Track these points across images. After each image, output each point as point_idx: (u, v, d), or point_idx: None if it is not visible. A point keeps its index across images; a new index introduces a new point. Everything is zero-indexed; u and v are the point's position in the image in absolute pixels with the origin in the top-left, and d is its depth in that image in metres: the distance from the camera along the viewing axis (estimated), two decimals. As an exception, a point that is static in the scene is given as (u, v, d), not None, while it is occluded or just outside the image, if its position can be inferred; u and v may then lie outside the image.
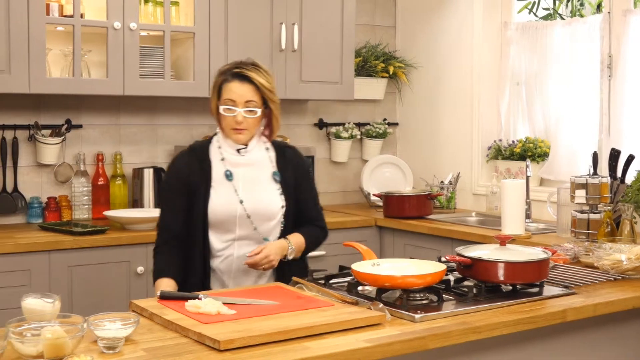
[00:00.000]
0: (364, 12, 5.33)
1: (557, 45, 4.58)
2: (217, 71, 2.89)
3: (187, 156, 2.89)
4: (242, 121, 2.79)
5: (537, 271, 2.55)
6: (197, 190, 2.82)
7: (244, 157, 2.87)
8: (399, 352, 2.08)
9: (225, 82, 2.80)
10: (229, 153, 2.86)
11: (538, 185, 4.68)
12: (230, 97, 2.78)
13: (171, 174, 2.92)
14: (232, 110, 2.78)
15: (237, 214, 2.82)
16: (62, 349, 1.86)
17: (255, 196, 2.85)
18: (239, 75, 2.79)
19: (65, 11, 4.01)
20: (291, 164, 2.97)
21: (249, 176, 2.87)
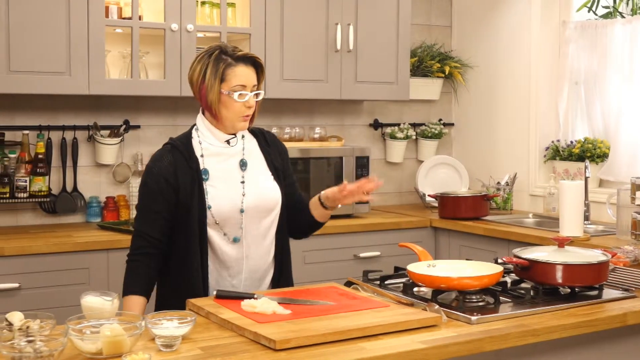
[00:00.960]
0: (420, 12, 5.30)
1: (617, 44, 4.50)
2: (203, 58, 2.62)
3: (170, 155, 2.64)
4: (253, 106, 2.64)
5: (596, 274, 2.51)
6: (187, 190, 2.59)
7: (233, 148, 2.69)
8: (455, 354, 2.06)
9: (230, 67, 2.58)
10: (215, 146, 2.67)
11: (597, 187, 4.60)
12: (240, 82, 2.59)
13: (152, 175, 2.62)
14: (244, 95, 2.60)
15: (239, 209, 2.63)
16: (121, 346, 1.88)
17: (256, 189, 2.67)
18: (243, 58, 2.62)
19: (124, 13, 4.07)
20: (275, 147, 2.81)
21: (225, 166, 2.67)
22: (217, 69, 2.58)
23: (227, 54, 2.60)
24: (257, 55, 2.66)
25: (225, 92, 2.58)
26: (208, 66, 2.59)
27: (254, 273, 2.69)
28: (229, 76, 2.58)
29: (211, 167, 2.64)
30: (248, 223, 2.65)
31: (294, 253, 4.09)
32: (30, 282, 3.54)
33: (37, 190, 3.99)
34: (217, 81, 2.58)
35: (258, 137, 2.80)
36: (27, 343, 1.82)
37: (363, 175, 4.51)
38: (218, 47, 2.63)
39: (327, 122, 4.92)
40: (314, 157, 4.40)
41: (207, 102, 2.61)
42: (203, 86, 2.61)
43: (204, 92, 2.62)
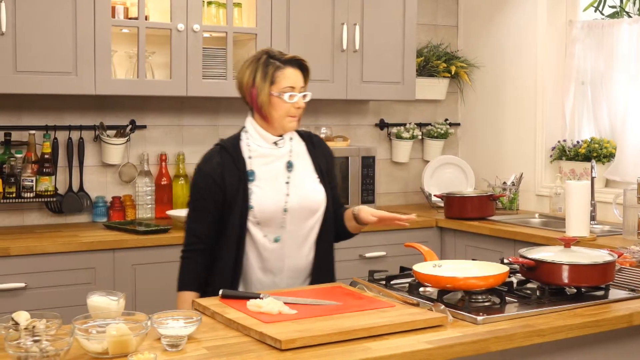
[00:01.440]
0: (426, 12, 5.30)
1: (624, 44, 4.49)
2: (252, 63, 2.73)
3: (219, 156, 2.74)
4: (302, 106, 2.74)
5: (602, 274, 2.50)
6: (234, 190, 2.69)
7: (280, 150, 2.76)
8: (461, 354, 2.06)
9: (279, 70, 2.70)
10: (263, 148, 2.75)
11: (603, 187, 4.59)
12: (289, 83, 2.71)
13: (202, 175, 2.73)
14: (294, 96, 2.71)
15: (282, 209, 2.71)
16: (127, 346, 1.88)
17: (300, 190, 2.74)
18: (291, 61, 2.74)
19: (130, 13, 4.08)
20: (320, 150, 2.89)
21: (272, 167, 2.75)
22: (266, 72, 2.70)
23: (274, 58, 2.72)
24: (303, 58, 2.77)
25: (276, 93, 2.70)
26: (258, 70, 2.71)
27: (295, 272, 2.76)
28: (278, 78, 2.70)
29: (257, 169, 2.73)
30: (290, 223, 2.73)
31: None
32: (37, 281, 3.54)
33: (43, 190, 3.99)
34: (267, 84, 2.70)
35: (305, 139, 2.88)
36: (33, 343, 1.83)
37: (369, 175, 4.51)
38: (265, 52, 2.75)
39: (333, 122, 4.92)
40: (319, 157, 4.39)
41: (258, 104, 2.72)
42: (253, 89, 2.72)
43: (254, 95, 2.73)
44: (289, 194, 2.72)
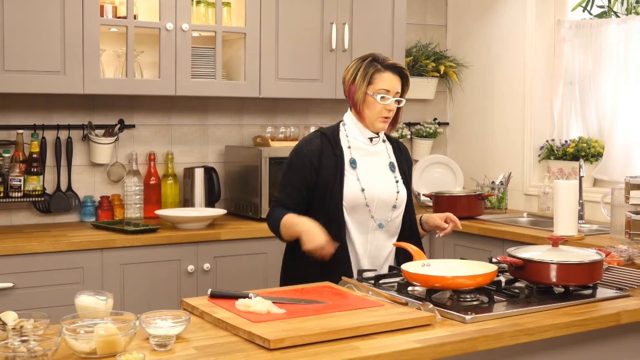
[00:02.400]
0: (415, 12, 5.31)
1: (612, 44, 4.51)
2: (358, 62, 2.95)
3: (319, 140, 2.96)
4: (393, 109, 2.92)
5: (590, 273, 2.51)
6: (330, 175, 2.90)
7: (374, 146, 2.99)
8: (449, 353, 2.07)
9: (378, 72, 2.90)
10: (358, 142, 2.97)
11: (591, 186, 4.61)
12: (385, 86, 2.89)
13: (300, 155, 2.95)
14: (386, 99, 2.89)
15: (360, 202, 2.91)
16: (115, 346, 1.88)
17: (376, 184, 2.95)
18: (391, 67, 2.92)
19: (119, 12, 4.07)
20: (405, 157, 3.12)
21: (371, 165, 2.98)
22: (366, 72, 2.91)
23: (378, 61, 2.93)
24: (404, 67, 3.01)
25: (370, 93, 2.90)
26: (360, 69, 2.93)
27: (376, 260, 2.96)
28: (375, 80, 2.90)
29: (358, 159, 2.96)
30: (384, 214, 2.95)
31: (288, 252, 4.08)
32: (25, 281, 3.53)
33: (31, 190, 3.98)
34: (364, 83, 2.91)
35: (393, 143, 3.11)
36: (21, 343, 1.82)
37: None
38: (372, 55, 2.96)
39: (322, 121, 4.93)
40: (308, 157, 4.39)
41: (354, 100, 2.94)
42: (353, 86, 2.94)
43: (352, 91, 2.94)
44: (399, 191, 2.99)
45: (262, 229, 4.06)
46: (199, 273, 3.91)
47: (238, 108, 4.68)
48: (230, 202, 4.52)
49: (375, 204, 2.93)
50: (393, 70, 2.92)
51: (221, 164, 4.61)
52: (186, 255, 3.88)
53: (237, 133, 4.69)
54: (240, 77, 4.31)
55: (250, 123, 4.73)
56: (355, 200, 2.90)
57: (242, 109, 4.70)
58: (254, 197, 4.28)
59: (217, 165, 4.58)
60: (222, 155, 4.62)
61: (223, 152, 4.62)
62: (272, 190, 4.24)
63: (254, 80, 4.29)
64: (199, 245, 3.91)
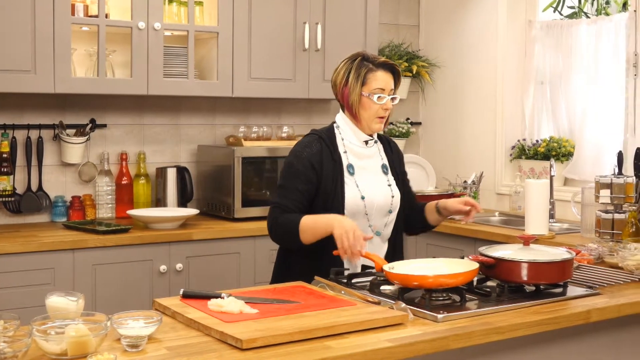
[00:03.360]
0: (388, 12, 5.32)
1: (583, 44, 4.55)
2: (347, 63, 2.89)
3: (318, 144, 2.88)
4: (390, 108, 2.88)
5: (560, 271, 2.53)
6: (328, 180, 2.84)
7: (368, 149, 2.94)
8: (421, 352, 2.08)
9: (371, 72, 2.85)
10: (352, 146, 2.91)
11: (562, 185, 4.65)
12: (380, 85, 2.85)
13: (300, 158, 2.85)
14: (383, 98, 2.85)
15: (360, 210, 2.87)
16: (86, 346, 1.87)
17: (373, 189, 2.90)
18: (383, 64, 2.87)
19: (90, 11, 4.04)
20: (396, 154, 3.08)
21: (367, 170, 2.93)
22: (359, 73, 2.85)
23: (368, 60, 2.87)
24: (397, 65, 2.92)
25: (366, 94, 2.84)
26: (351, 70, 2.86)
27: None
28: (369, 80, 2.84)
29: (355, 164, 2.90)
30: (381, 220, 2.92)
31: (260, 252, 4.10)
32: (-5, 282, 3.50)
33: (1, 190, 3.95)
34: (358, 84, 2.84)
35: (383, 142, 3.05)
36: (-9, 344, 1.81)
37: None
38: (360, 54, 2.90)
39: (295, 121, 4.93)
40: (281, 157, 4.39)
41: (349, 102, 2.87)
42: (346, 88, 2.88)
43: (346, 94, 2.88)
44: (394, 196, 2.93)
45: (235, 229, 4.06)
46: (172, 273, 3.90)
47: (211, 107, 4.67)
48: (202, 202, 4.51)
49: (374, 210, 2.89)
50: (385, 68, 2.87)
51: (194, 163, 4.60)
52: (158, 255, 3.86)
53: (210, 133, 4.68)
54: (213, 77, 4.30)
55: (223, 123, 4.72)
56: (355, 208, 2.85)
57: (215, 109, 4.69)
58: (226, 197, 4.27)
59: (189, 165, 4.56)
60: (195, 155, 4.61)
61: (196, 152, 4.61)
62: (245, 190, 4.23)
63: (226, 79, 4.28)
64: (172, 245, 3.90)
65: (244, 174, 4.24)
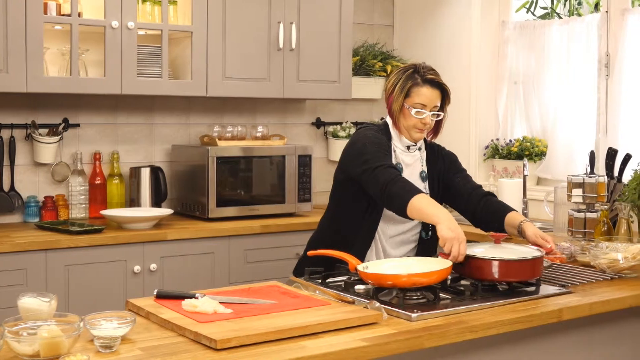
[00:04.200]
0: (362, 11, 5.33)
1: (555, 45, 4.58)
2: (400, 72, 2.98)
3: (379, 132, 2.98)
4: (429, 123, 2.96)
5: (530, 269, 2.56)
6: None
7: (410, 154, 3.03)
8: (395, 351, 2.09)
9: (416, 86, 2.93)
10: (398, 148, 3.01)
11: (535, 185, 4.68)
12: (422, 101, 2.93)
13: (373, 134, 2.95)
14: (422, 113, 2.93)
15: None
16: (58, 348, 1.86)
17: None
18: (430, 81, 2.95)
19: (63, 10, 4.01)
20: (440, 157, 3.14)
21: (408, 174, 3.00)
22: (404, 85, 2.94)
23: (418, 74, 2.95)
24: (446, 85, 3.00)
25: (407, 106, 2.94)
26: (400, 80, 2.96)
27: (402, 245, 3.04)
28: (412, 93, 2.94)
29: (403, 163, 3.01)
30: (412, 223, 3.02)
31: (234, 252, 4.10)
32: (-34, 283, 3.47)
33: (-27, 190, 3.91)
34: (402, 95, 2.94)
35: (428, 149, 3.12)
36: (-38, 346, 1.79)
37: (305, 174, 4.52)
38: (414, 66, 2.98)
39: (269, 120, 4.92)
40: (256, 156, 4.39)
41: (391, 109, 2.98)
42: (391, 96, 2.98)
43: (391, 101, 2.98)
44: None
45: (210, 229, 4.05)
46: (145, 273, 3.88)
47: (185, 107, 4.66)
48: (177, 201, 4.49)
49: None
50: (432, 85, 2.95)
51: (168, 163, 4.58)
52: (132, 255, 3.84)
53: (184, 132, 4.66)
54: (187, 76, 4.28)
55: (197, 122, 4.70)
56: None
57: (189, 108, 4.67)
58: (201, 197, 4.26)
59: (163, 164, 4.54)
60: (169, 154, 4.59)
61: (170, 152, 4.59)
62: (219, 190, 4.23)
63: (200, 79, 4.27)
64: (145, 245, 3.88)
65: (218, 174, 4.23)
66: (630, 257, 2.83)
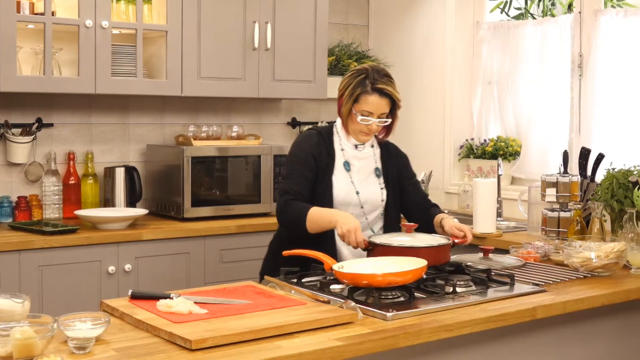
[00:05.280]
0: (337, 11, 5.34)
1: (529, 45, 4.61)
2: (352, 76, 3.02)
3: (317, 138, 3.07)
4: (375, 130, 3.02)
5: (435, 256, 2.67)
6: (321, 172, 3.03)
7: (360, 152, 3.09)
8: (371, 350, 2.09)
9: (365, 94, 2.97)
10: (347, 147, 3.08)
11: (509, 184, 4.71)
12: (369, 109, 2.98)
13: (302, 148, 3.06)
14: (368, 120, 2.99)
15: (353, 203, 3.04)
16: (32, 349, 1.84)
17: (366, 188, 3.08)
18: (379, 90, 2.98)
19: (36, 9, 3.98)
20: (394, 156, 3.22)
21: (361, 169, 3.09)
22: (354, 91, 2.99)
23: (369, 80, 2.99)
24: (395, 94, 3.02)
25: (354, 112, 3.00)
26: (350, 85, 3.01)
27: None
28: (361, 100, 2.99)
29: (351, 162, 3.08)
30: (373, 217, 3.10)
31: (210, 252, 4.09)
32: (-62, 284, 3.44)
33: (-55, 190, 3.87)
34: (351, 100, 3.00)
35: (382, 147, 3.20)
36: None
37: (281, 174, 4.52)
38: (366, 71, 3.01)
39: (244, 120, 4.92)
40: (231, 156, 4.38)
41: (341, 112, 3.06)
42: (342, 99, 3.05)
43: (340, 103, 3.06)
44: (384, 199, 3.11)
45: (185, 229, 4.04)
46: (120, 274, 3.86)
47: (160, 107, 4.64)
48: (152, 201, 4.47)
49: (368, 205, 3.07)
50: (381, 94, 2.98)
51: (143, 163, 4.56)
52: (107, 256, 3.82)
53: (159, 132, 4.64)
54: (162, 76, 4.27)
55: (172, 122, 4.68)
56: (350, 202, 3.03)
57: (164, 108, 4.65)
58: (176, 197, 4.24)
59: (138, 164, 4.52)
60: (144, 154, 4.57)
61: (144, 151, 4.57)
62: (194, 190, 4.21)
63: (175, 78, 4.25)
64: (120, 245, 3.86)
65: (193, 174, 4.22)
66: (603, 255, 2.86)
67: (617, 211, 3.41)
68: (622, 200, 3.38)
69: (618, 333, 2.89)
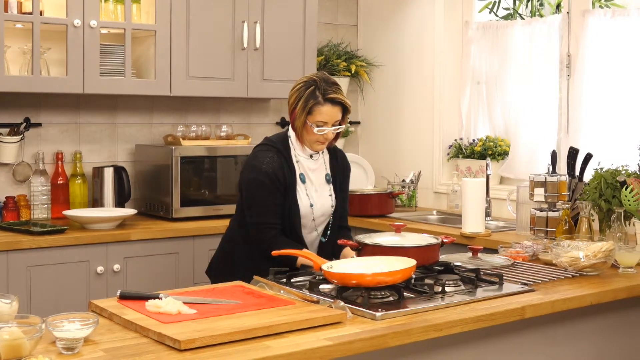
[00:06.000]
0: (326, 11, 5.34)
1: (517, 45, 4.62)
2: (301, 88, 3.03)
3: (277, 156, 3.07)
4: (331, 137, 3.06)
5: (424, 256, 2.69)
6: (288, 190, 3.05)
7: (314, 161, 3.14)
8: (360, 350, 2.09)
9: (318, 105, 2.99)
10: (302, 157, 3.12)
11: (498, 184, 4.72)
12: (323, 119, 3.01)
13: (265, 175, 3.03)
14: (323, 130, 3.02)
15: (308, 215, 3.12)
16: (20, 350, 1.84)
17: (319, 199, 3.14)
18: (331, 100, 3.00)
19: (24, 8, 3.96)
20: (341, 164, 3.27)
21: (314, 180, 3.14)
22: (306, 104, 3.01)
23: (320, 91, 3.00)
24: (346, 101, 3.06)
25: (309, 123, 3.02)
26: (301, 98, 3.02)
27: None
28: (315, 112, 3.01)
29: (306, 173, 3.12)
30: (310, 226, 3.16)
31: (199, 252, 4.08)
32: None
33: None
34: (304, 113, 3.01)
35: (330, 153, 3.24)
36: None
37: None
38: (314, 82, 3.02)
39: (233, 120, 4.91)
40: (220, 156, 4.38)
41: (294, 125, 3.07)
42: (294, 112, 3.05)
43: (293, 117, 3.06)
44: (333, 205, 3.19)
45: (174, 229, 4.03)
46: (109, 274, 3.85)
47: (148, 106, 4.63)
48: (140, 201, 4.46)
49: (319, 218, 3.15)
50: (333, 102, 3.01)
51: (131, 163, 4.55)
52: (95, 256, 3.81)
53: (148, 132, 4.63)
54: (151, 75, 4.26)
55: (161, 122, 4.67)
56: (306, 215, 3.10)
57: (153, 108, 4.64)
58: (165, 197, 4.24)
59: (127, 164, 4.51)
60: (133, 154, 4.56)
61: (133, 151, 4.56)
62: (183, 190, 4.21)
63: (164, 78, 4.24)
64: (109, 245, 3.85)
65: (182, 174, 4.21)
66: (591, 255, 2.87)
67: (605, 211, 3.43)
68: (610, 199, 3.40)
69: (606, 332, 2.90)
